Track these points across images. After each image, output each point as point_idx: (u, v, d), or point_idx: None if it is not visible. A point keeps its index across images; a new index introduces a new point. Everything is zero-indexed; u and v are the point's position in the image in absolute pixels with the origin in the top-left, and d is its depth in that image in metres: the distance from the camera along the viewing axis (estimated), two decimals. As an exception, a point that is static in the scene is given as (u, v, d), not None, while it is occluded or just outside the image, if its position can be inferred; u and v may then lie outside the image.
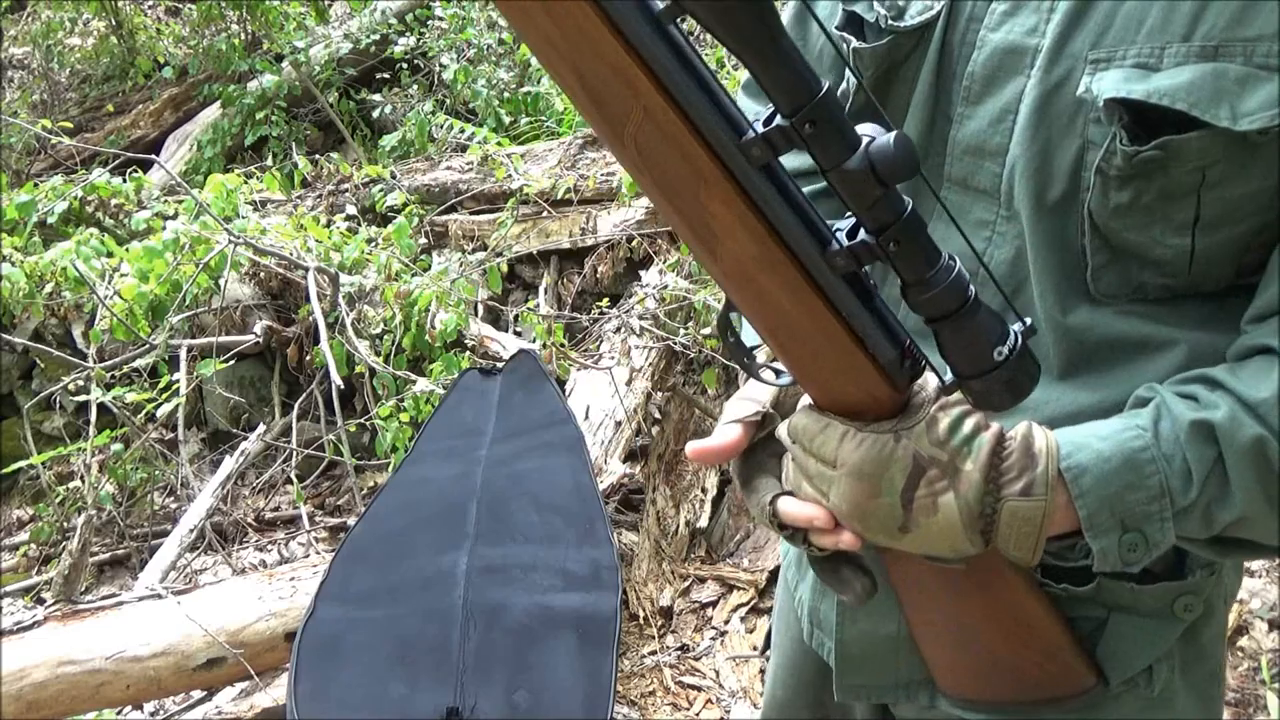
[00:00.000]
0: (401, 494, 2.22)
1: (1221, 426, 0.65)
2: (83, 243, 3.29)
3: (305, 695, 1.70)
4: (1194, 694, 0.81)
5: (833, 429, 0.68)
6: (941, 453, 0.66)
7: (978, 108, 0.75)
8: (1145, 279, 0.72)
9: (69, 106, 5.67)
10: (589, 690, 1.71)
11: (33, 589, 3.00)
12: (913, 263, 0.61)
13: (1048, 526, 0.66)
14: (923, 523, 0.67)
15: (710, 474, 2.87)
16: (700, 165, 0.58)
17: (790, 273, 0.62)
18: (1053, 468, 0.65)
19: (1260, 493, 0.65)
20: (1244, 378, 0.66)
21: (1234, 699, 2.01)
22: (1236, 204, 0.68)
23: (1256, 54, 0.63)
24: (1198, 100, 0.64)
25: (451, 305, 3.06)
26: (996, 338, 0.64)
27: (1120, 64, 0.67)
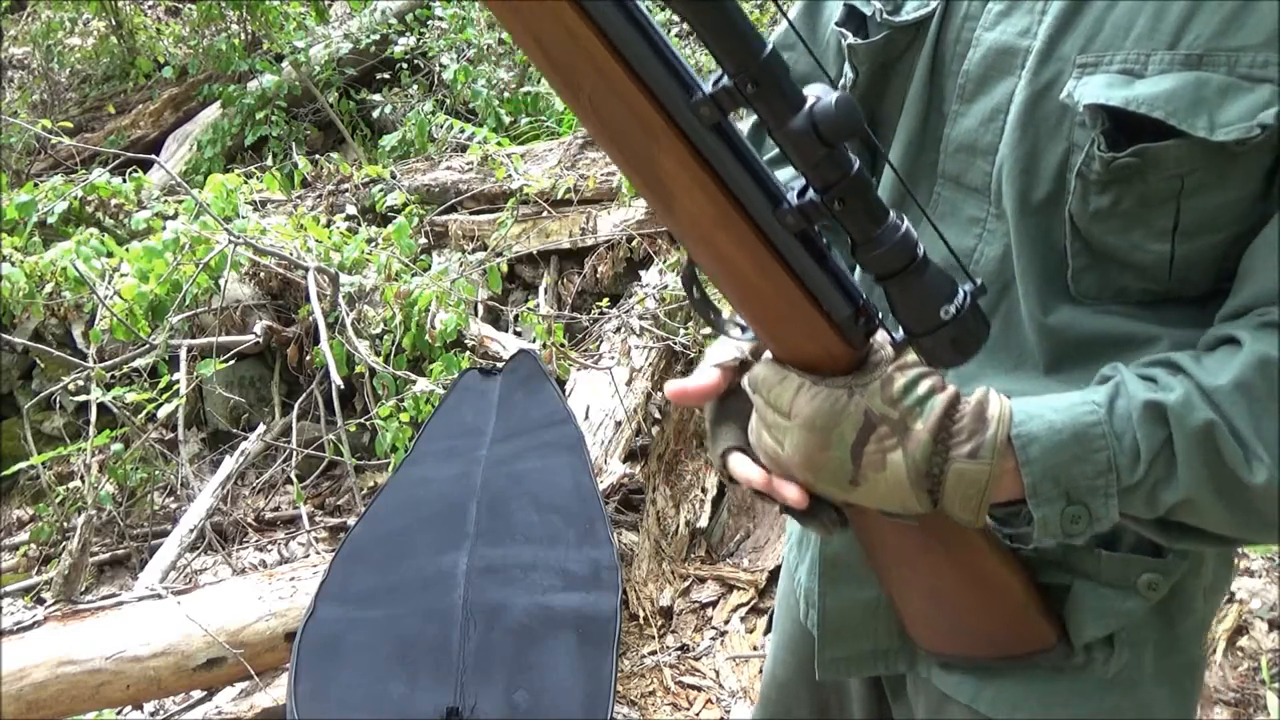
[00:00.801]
0: (401, 494, 2.22)
1: (1174, 409, 0.65)
2: (83, 243, 3.29)
3: (305, 695, 1.70)
4: (1166, 685, 0.81)
5: (789, 381, 0.69)
6: (893, 411, 0.67)
7: (971, 105, 0.76)
8: (1126, 283, 0.73)
9: (69, 106, 5.67)
10: (589, 690, 1.71)
11: (33, 589, 3.00)
12: (859, 221, 0.63)
13: (992, 491, 0.67)
14: (871, 478, 0.68)
15: (710, 474, 2.87)
16: (653, 125, 0.60)
17: (744, 230, 0.63)
18: (1002, 434, 0.66)
19: (1206, 477, 0.65)
20: (1205, 364, 0.67)
21: (1234, 699, 2.01)
22: (1216, 212, 0.68)
23: (1240, 64, 0.64)
24: (1176, 109, 0.65)
25: (451, 305, 3.06)
26: (945, 296, 0.65)
27: (1106, 69, 0.68)
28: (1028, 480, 0.67)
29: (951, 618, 0.81)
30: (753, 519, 2.75)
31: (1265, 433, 0.64)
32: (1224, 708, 2.00)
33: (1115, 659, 0.79)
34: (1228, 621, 2.15)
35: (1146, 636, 0.79)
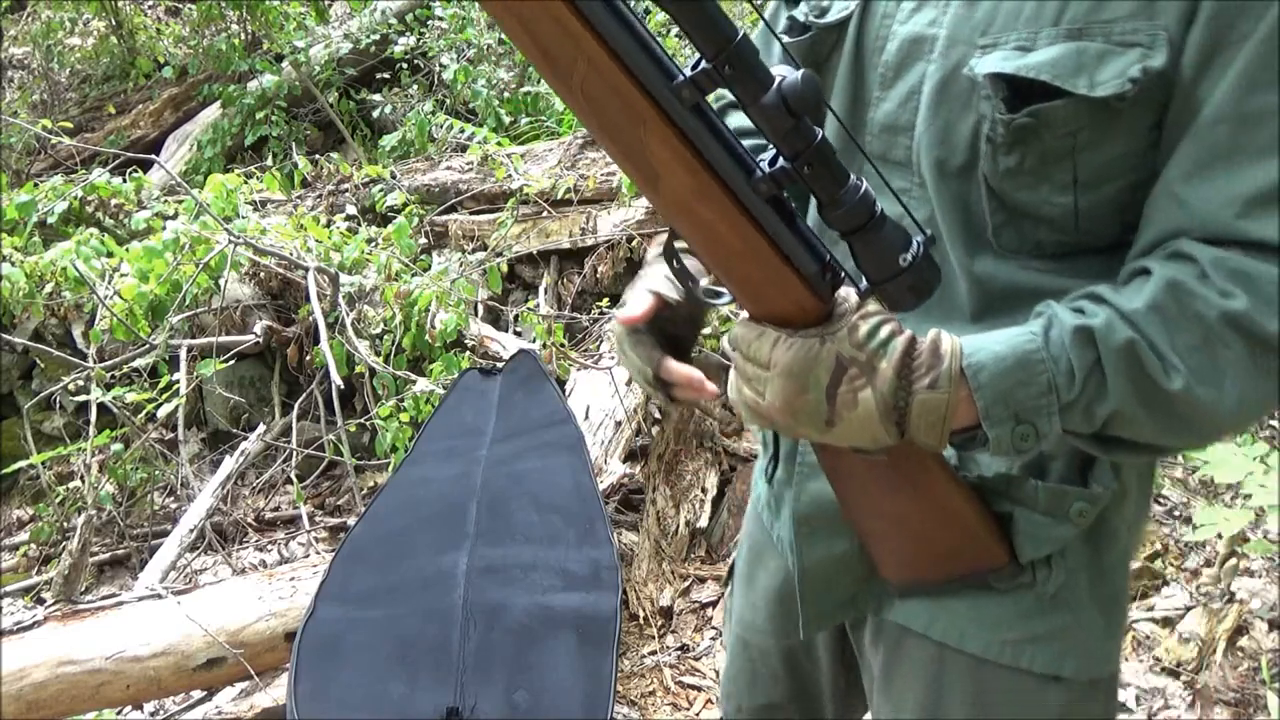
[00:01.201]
0: (401, 494, 2.21)
1: (1099, 331, 0.74)
2: (83, 243, 3.29)
3: (305, 695, 1.70)
4: (1098, 610, 0.91)
5: (766, 335, 0.77)
6: (860, 354, 0.75)
7: (890, 91, 0.86)
8: (1040, 236, 0.83)
9: (69, 106, 5.67)
10: (589, 690, 1.71)
11: (33, 589, 3.00)
12: (825, 183, 0.72)
13: (952, 417, 0.76)
14: (845, 416, 0.76)
15: (710, 474, 2.87)
16: (639, 108, 0.67)
17: (722, 200, 0.71)
18: (956, 366, 0.75)
19: (1131, 389, 0.74)
20: (1123, 292, 0.76)
21: (1234, 699, 2.01)
22: (1108, 165, 0.78)
23: (1113, 34, 0.75)
24: (1060, 73, 0.75)
25: (451, 305, 3.06)
26: (900, 246, 0.74)
27: (1003, 47, 0.78)
28: (981, 404, 0.75)
29: (916, 543, 0.90)
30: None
31: (1178, 345, 0.73)
32: (1224, 708, 2.00)
33: (1054, 578, 0.89)
34: (1228, 621, 2.15)
35: (1079, 562, 0.89)
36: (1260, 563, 2.31)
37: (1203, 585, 2.29)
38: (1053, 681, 0.91)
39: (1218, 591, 2.25)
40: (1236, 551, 2.30)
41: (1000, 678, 0.91)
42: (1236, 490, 2.34)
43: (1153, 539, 2.42)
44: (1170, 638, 2.18)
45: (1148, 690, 2.09)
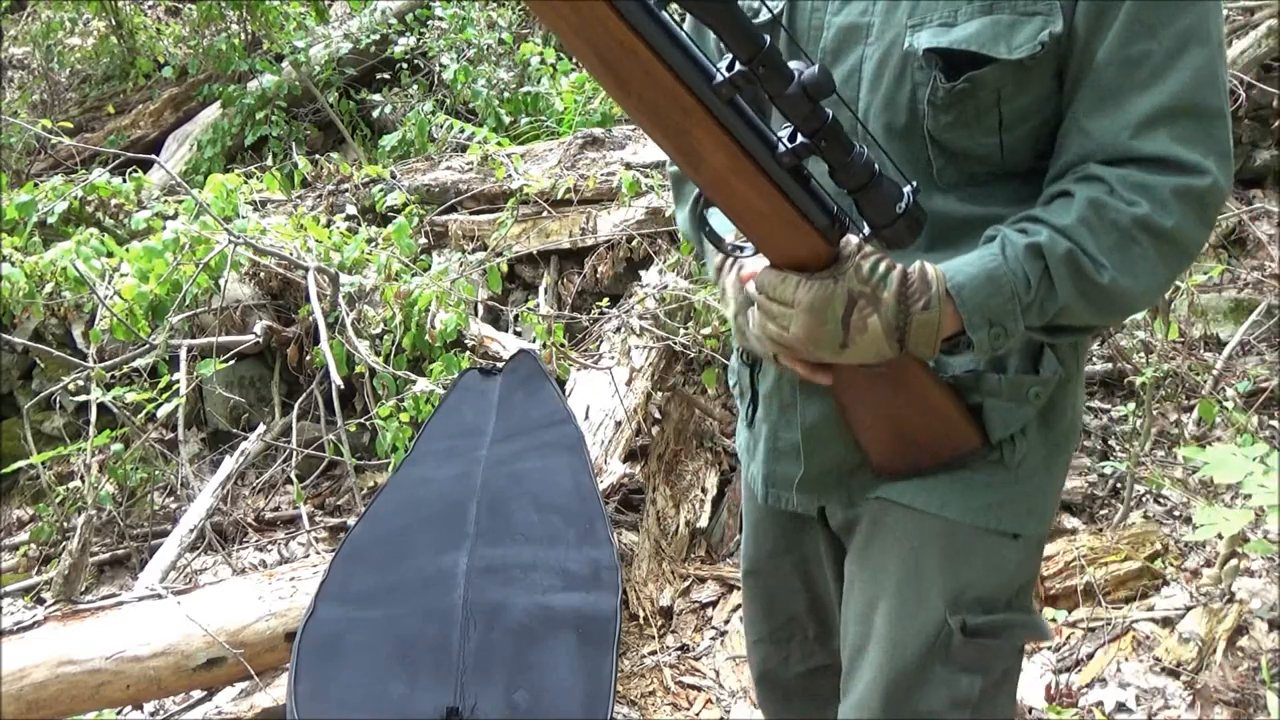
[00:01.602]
0: (401, 494, 2.21)
1: (1045, 245, 0.94)
2: (83, 243, 3.29)
3: (305, 695, 1.70)
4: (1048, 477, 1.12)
5: (789, 280, 0.94)
6: (866, 287, 0.92)
7: (831, 70, 1.00)
8: (973, 169, 1.02)
9: (69, 106, 5.67)
10: (589, 690, 1.71)
11: (33, 589, 3.00)
12: (837, 153, 0.88)
13: (942, 329, 0.94)
14: (858, 339, 0.93)
15: (710, 474, 2.87)
16: (686, 104, 0.83)
17: (753, 173, 0.87)
18: (942, 289, 0.93)
19: (1074, 287, 0.95)
20: (1052, 211, 0.96)
21: (1234, 699, 2.01)
22: (1025, 109, 0.98)
23: (1019, 6, 0.93)
24: (984, 43, 0.94)
25: (451, 305, 3.06)
26: (896, 198, 0.91)
27: (930, 26, 0.96)
28: (964, 315, 0.94)
29: (906, 435, 1.08)
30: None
31: (1103, 248, 0.94)
32: (1224, 708, 2.00)
33: (1017, 451, 1.08)
34: (1228, 621, 2.15)
35: (1036, 439, 1.09)
36: (1260, 563, 2.32)
37: (1203, 585, 2.29)
38: (1012, 539, 1.10)
39: (1218, 591, 2.25)
40: (1236, 551, 2.30)
41: (971, 537, 1.09)
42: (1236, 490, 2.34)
43: (1153, 539, 2.42)
44: (1170, 638, 2.18)
45: (1148, 690, 2.09)
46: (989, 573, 1.11)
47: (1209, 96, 0.93)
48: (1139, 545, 2.41)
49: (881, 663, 1.12)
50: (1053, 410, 1.09)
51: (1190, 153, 0.93)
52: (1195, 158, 0.93)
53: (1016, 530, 1.10)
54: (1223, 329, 3.19)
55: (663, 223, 3.40)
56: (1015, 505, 1.09)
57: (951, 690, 1.10)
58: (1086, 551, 2.38)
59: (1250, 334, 3.09)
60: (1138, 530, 2.46)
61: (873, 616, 1.14)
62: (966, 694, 1.11)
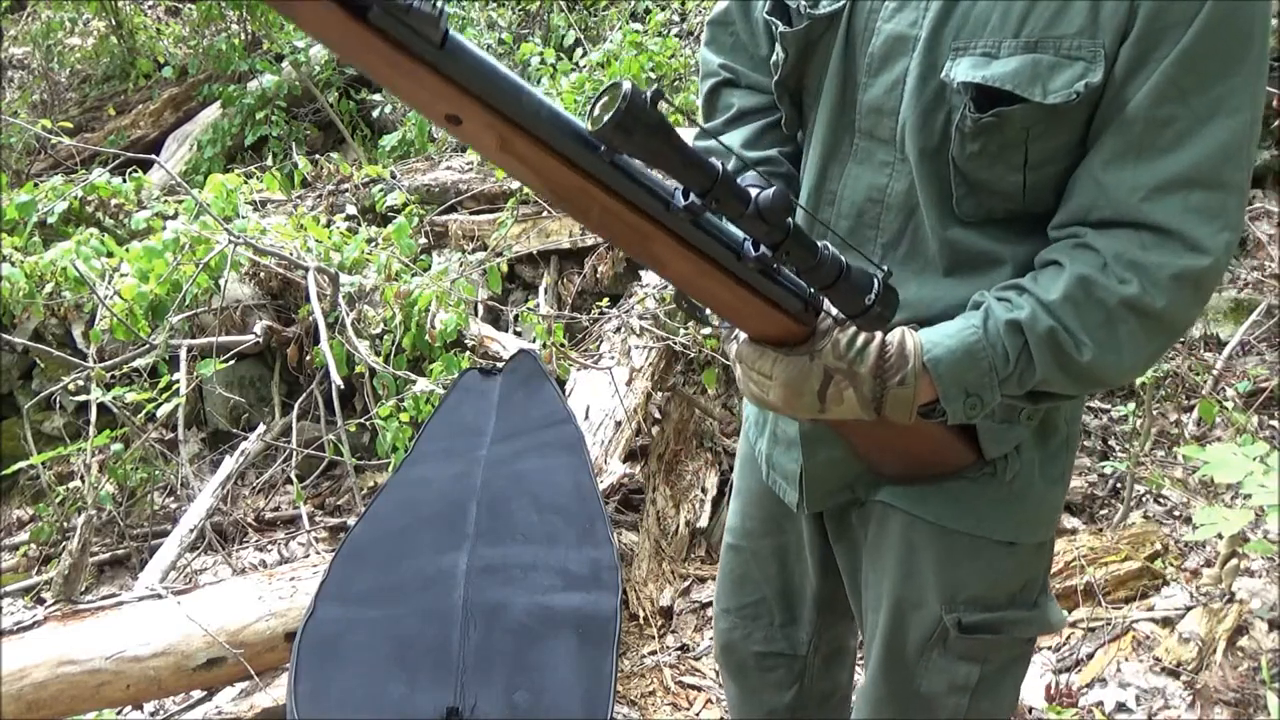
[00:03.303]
0: (401, 494, 2.21)
1: (1025, 322, 0.95)
2: (83, 243, 3.29)
3: (305, 695, 1.70)
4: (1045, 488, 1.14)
5: (766, 356, 0.98)
6: (842, 363, 0.96)
7: (876, 79, 1.02)
8: (993, 205, 1.01)
9: (69, 106, 5.67)
10: (589, 690, 1.71)
11: (33, 589, 3.00)
12: (802, 259, 0.89)
13: (917, 401, 0.97)
14: (833, 408, 0.98)
15: (710, 474, 2.87)
16: (642, 228, 0.84)
17: (717, 275, 0.89)
18: (918, 363, 0.96)
19: (1053, 363, 0.96)
20: (1041, 283, 0.96)
21: (1234, 699, 2.01)
22: (1052, 152, 0.97)
23: (1063, 48, 0.91)
24: (1020, 83, 0.92)
25: (451, 305, 3.06)
26: (865, 289, 0.91)
27: (972, 53, 0.95)
28: (940, 388, 0.97)
29: (902, 456, 1.12)
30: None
31: (1087, 326, 0.94)
32: (1224, 708, 2.00)
33: (1011, 467, 1.11)
34: (1228, 621, 2.15)
35: (1030, 453, 1.12)
36: (1260, 563, 2.32)
37: (1203, 585, 2.29)
38: (1008, 546, 1.14)
39: (1218, 591, 2.25)
40: (1236, 551, 2.30)
41: (966, 542, 1.14)
42: (1236, 490, 2.34)
43: (1153, 539, 2.42)
44: (1170, 638, 2.18)
45: (1148, 690, 2.09)
46: (984, 576, 1.16)
47: (1229, 171, 0.90)
48: (1139, 545, 2.41)
49: (885, 649, 1.22)
50: (1046, 426, 1.12)
51: (1198, 227, 0.90)
52: (1201, 234, 0.91)
53: (1011, 539, 1.14)
54: (1223, 329, 3.20)
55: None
56: (1009, 517, 1.13)
57: (950, 676, 1.19)
58: (1086, 551, 2.38)
59: (1250, 334, 3.10)
60: (1138, 530, 2.46)
61: (879, 609, 1.22)
62: (965, 680, 1.19)
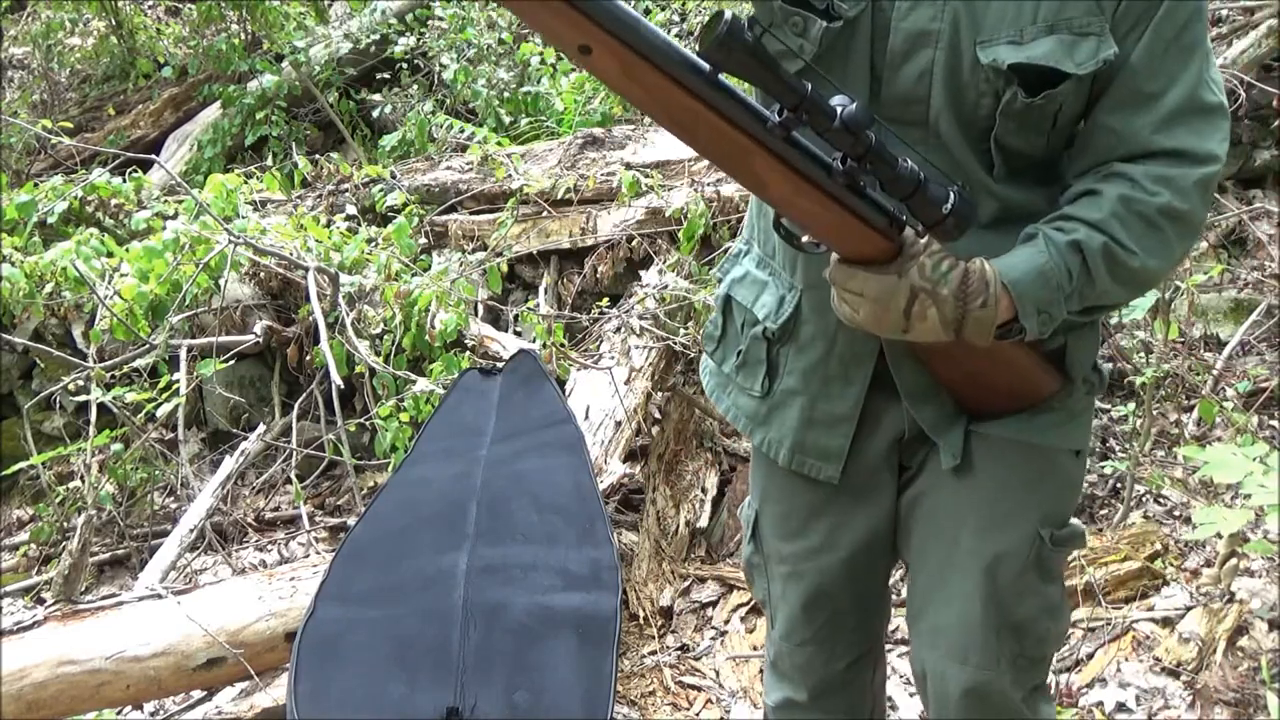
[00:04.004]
0: (401, 494, 2.21)
1: (1083, 240, 1.08)
2: (83, 243, 3.29)
3: (305, 695, 1.70)
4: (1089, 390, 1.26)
5: (857, 274, 1.06)
6: (927, 283, 1.05)
7: (900, 72, 1.11)
8: (1015, 164, 1.14)
9: (69, 106, 5.67)
10: (589, 690, 1.71)
11: (33, 589, 3.00)
12: (883, 170, 1.00)
13: (995, 323, 1.08)
14: (918, 326, 1.07)
15: (710, 474, 2.87)
16: (745, 146, 0.97)
17: (813, 192, 1.00)
18: (997, 287, 1.07)
19: (1108, 275, 1.09)
20: (1084, 208, 1.09)
21: (1234, 699, 2.01)
22: (1073, 115, 1.12)
23: (1074, 26, 1.05)
24: (1058, 59, 1.05)
25: (451, 305, 3.06)
26: (942, 199, 1.02)
27: (998, 43, 1.06)
28: (1020, 306, 1.07)
29: (990, 390, 1.20)
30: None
31: (1134, 236, 1.08)
32: (1224, 708, 2.00)
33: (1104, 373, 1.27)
34: (1228, 621, 2.14)
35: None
36: (1260, 563, 2.31)
37: (1203, 585, 2.29)
38: (1075, 455, 1.27)
39: (1218, 591, 2.25)
40: (1236, 551, 2.30)
41: (1050, 457, 1.24)
42: (1236, 490, 2.34)
43: (1153, 539, 2.42)
44: (1170, 638, 2.18)
45: (1148, 690, 2.09)
46: (1065, 488, 1.28)
47: (1213, 94, 1.09)
48: (1139, 545, 2.40)
49: (979, 578, 1.24)
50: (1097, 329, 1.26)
51: (1203, 143, 1.08)
52: (1208, 148, 1.08)
53: (1079, 447, 1.27)
54: (1223, 329, 3.19)
55: (663, 223, 3.40)
56: (1078, 424, 1.25)
57: (1044, 599, 1.26)
58: (1086, 551, 2.38)
59: (1250, 334, 3.09)
60: (1138, 530, 2.46)
61: (960, 537, 1.26)
62: (1053, 601, 1.27)
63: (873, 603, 1.43)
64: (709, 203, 3.27)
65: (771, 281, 1.28)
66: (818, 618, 1.40)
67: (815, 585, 1.38)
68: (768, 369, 1.28)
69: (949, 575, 1.27)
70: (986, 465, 1.24)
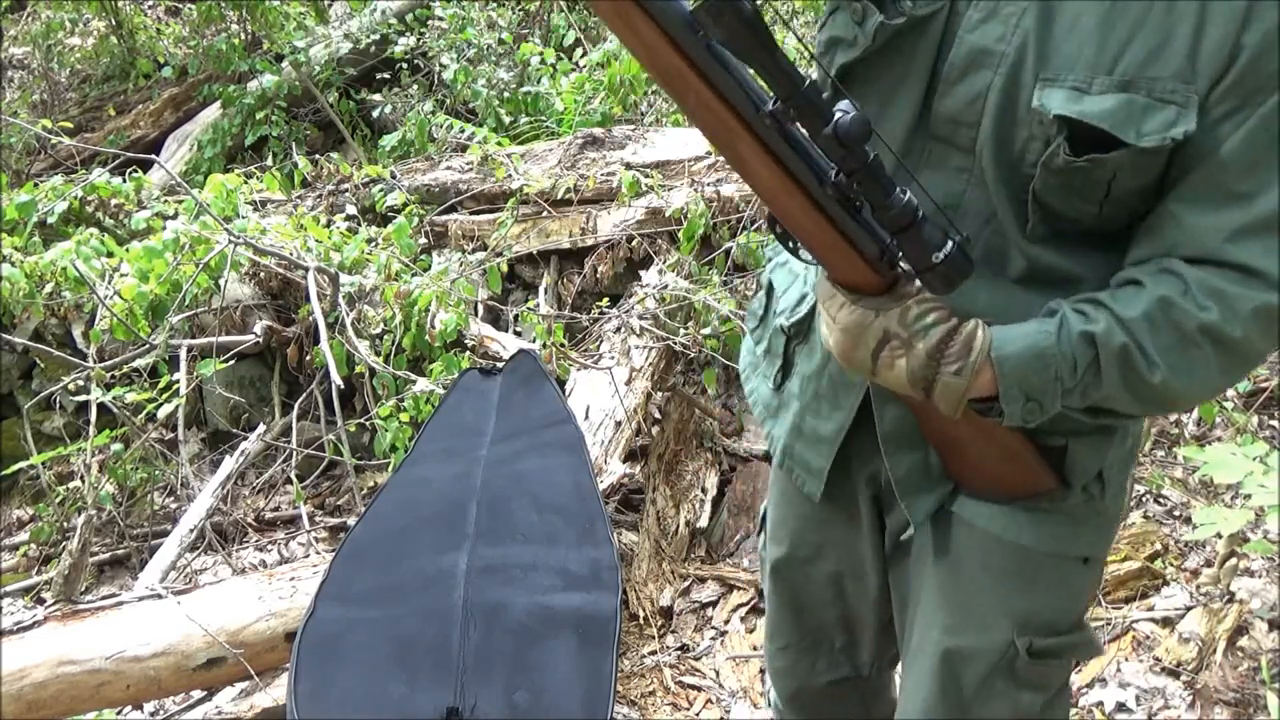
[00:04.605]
0: (401, 494, 2.21)
1: (1100, 335, 0.94)
2: (83, 243, 3.29)
3: (305, 695, 1.70)
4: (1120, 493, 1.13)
5: (836, 298, 0.98)
6: (904, 331, 0.95)
7: (955, 88, 0.99)
8: (1063, 227, 1.00)
9: (69, 106, 5.67)
10: (589, 690, 1.71)
11: (33, 589, 3.00)
12: (875, 194, 0.90)
13: (966, 396, 0.96)
14: (883, 373, 0.98)
15: (710, 474, 2.87)
16: (731, 125, 0.87)
17: (799, 195, 0.90)
18: (981, 359, 0.95)
19: (1121, 381, 0.95)
20: (1119, 299, 0.95)
21: (1234, 699, 2.01)
22: (1133, 189, 0.96)
23: (1155, 90, 0.89)
24: (1116, 123, 0.90)
25: (451, 305, 3.06)
26: (936, 246, 0.92)
27: (1061, 85, 0.92)
28: (1001, 386, 0.96)
29: (976, 465, 1.08)
30: (753, 519, 2.75)
31: (1161, 348, 0.93)
32: (1224, 708, 2.00)
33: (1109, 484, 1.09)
34: (1228, 621, 2.15)
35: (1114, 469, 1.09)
36: (1260, 563, 2.31)
37: (1203, 585, 2.29)
38: (1084, 563, 1.13)
39: (1218, 591, 2.25)
40: (1236, 551, 2.30)
41: (1044, 562, 1.11)
42: (1236, 490, 2.34)
43: (1153, 539, 2.42)
44: (1170, 638, 2.18)
45: (1148, 690, 2.09)
46: (1059, 596, 1.13)
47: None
48: (1139, 545, 2.41)
49: (944, 674, 1.15)
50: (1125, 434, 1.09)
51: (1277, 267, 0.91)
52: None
53: (1089, 555, 1.13)
54: (1223, 329, 3.19)
55: (663, 223, 3.40)
56: (1090, 531, 1.11)
57: (1014, 706, 1.14)
58: (1086, 551, 2.37)
59: (1250, 334, 3.09)
60: (1138, 530, 2.46)
61: (935, 626, 1.16)
62: (1028, 710, 1.15)
63: (863, 631, 1.35)
64: (709, 203, 3.27)
65: (802, 275, 1.20)
66: (799, 625, 1.38)
67: (796, 593, 1.35)
68: (783, 363, 1.23)
69: (919, 659, 1.19)
70: (965, 555, 1.13)
